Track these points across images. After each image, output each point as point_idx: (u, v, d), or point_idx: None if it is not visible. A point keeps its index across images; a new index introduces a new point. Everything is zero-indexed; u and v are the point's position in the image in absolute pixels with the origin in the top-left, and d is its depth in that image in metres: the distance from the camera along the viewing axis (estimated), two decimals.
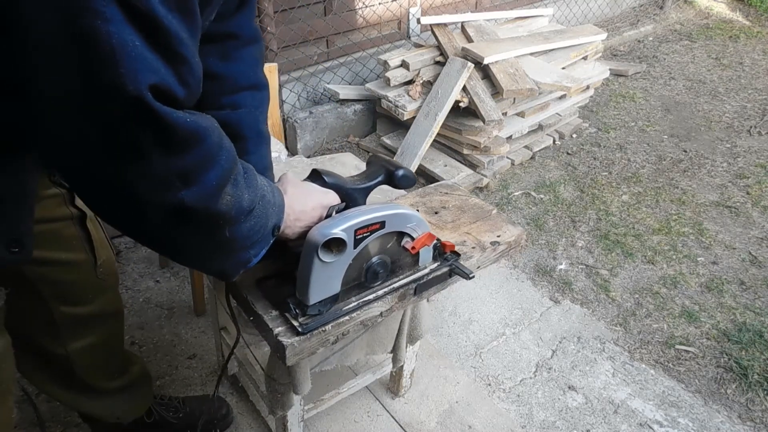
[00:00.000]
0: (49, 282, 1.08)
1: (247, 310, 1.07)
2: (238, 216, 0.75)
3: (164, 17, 0.56)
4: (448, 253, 1.14)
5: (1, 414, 0.87)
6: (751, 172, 2.94)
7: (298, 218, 0.92)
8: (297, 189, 0.94)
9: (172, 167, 0.62)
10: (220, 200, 0.69)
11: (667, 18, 4.91)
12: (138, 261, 2.26)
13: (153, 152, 0.60)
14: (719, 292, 2.19)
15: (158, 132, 0.59)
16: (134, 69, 0.54)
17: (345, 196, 1.01)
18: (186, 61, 0.60)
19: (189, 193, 0.65)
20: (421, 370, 1.80)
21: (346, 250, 0.93)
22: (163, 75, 0.57)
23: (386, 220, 0.96)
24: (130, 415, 1.39)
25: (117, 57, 0.53)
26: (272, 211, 0.84)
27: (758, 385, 1.82)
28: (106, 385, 1.31)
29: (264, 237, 0.84)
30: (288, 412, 1.34)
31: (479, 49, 2.75)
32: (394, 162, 1.08)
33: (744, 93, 3.76)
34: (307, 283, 0.93)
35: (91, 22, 0.52)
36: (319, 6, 3.03)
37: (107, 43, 0.53)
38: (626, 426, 1.70)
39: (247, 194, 0.76)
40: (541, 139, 3.11)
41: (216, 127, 0.68)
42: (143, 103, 0.56)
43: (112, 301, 1.25)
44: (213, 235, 0.73)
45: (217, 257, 0.80)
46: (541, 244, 2.44)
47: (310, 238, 0.91)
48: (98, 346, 1.23)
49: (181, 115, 0.60)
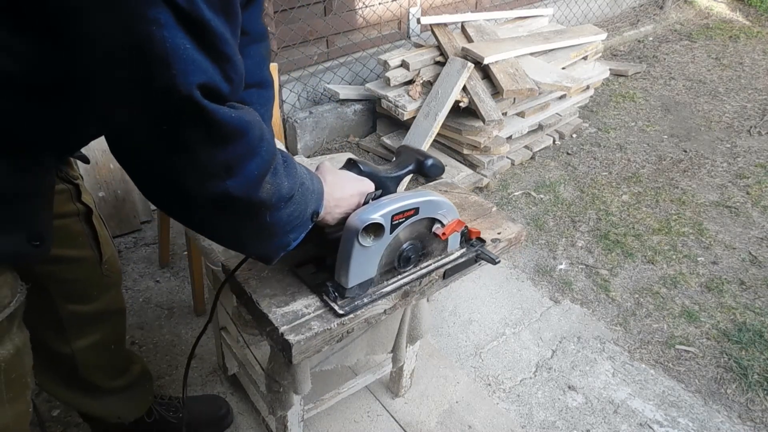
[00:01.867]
0: (56, 279, 1.08)
1: (252, 309, 1.07)
2: (278, 203, 0.79)
3: (211, 20, 0.60)
4: (473, 239, 1.18)
5: (20, 407, 0.89)
6: (751, 172, 2.94)
7: (337, 204, 0.96)
8: (335, 177, 0.98)
9: (218, 159, 0.67)
10: (261, 189, 0.74)
11: (667, 18, 4.91)
12: (138, 261, 2.26)
13: (200, 145, 0.65)
14: (719, 292, 2.19)
15: (206, 127, 0.63)
16: (185, 70, 0.59)
17: (378, 183, 1.04)
18: (230, 59, 0.64)
19: (233, 182, 0.69)
20: (421, 370, 1.80)
21: (384, 235, 0.97)
22: (210, 74, 0.61)
23: (420, 206, 1.00)
24: (132, 415, 1.40)
25: (170, 59, 0.58)
26: (311, 197, 0.88)
27: (758, 385, 1.82)
28: (109, 385, 1.31)
29: (303, 222, 0.87)
30: (288, 412, 1.34)
31: (479, 49, 2.75)
32: (422, 152, 1.11)
33: (744, 93, 3.76)
34: (347, 267, 0.97)
35: (147, 28, 0.56)
36: (319, 6, 3.03)
37: (162, 47, 0.57)
38: (626, 426, 1.70)
39: (287, 182, 0.79)
40: (541, 139, 3.11)
41: (258, 120, 0.71)
42: (193, 101, 0.60)
43: (116, 298, 1.26)
44: (254, 220, 0.78)
45: (258, 241, 0.84)
46: (541, 244, 2.44)
47: (350, 224, 0.95)
48: (102, 344, 1.23)
49: (227, 111, 0.65)
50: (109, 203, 2.30)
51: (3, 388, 0.84)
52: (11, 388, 0.85)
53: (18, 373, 0.86)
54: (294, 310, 1.02)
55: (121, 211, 2.35)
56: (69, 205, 1.07)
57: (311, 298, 1.05)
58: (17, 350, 0.84)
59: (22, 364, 0.87)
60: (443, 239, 1.09)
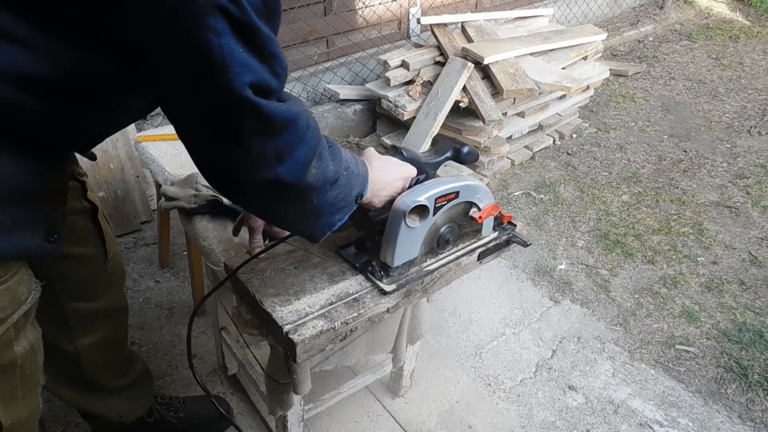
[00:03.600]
0: (62, 277, 1.09)
1: (255, 308, 1.07)
2: (324, 186, 0.85)
3: (260, 26, 0.66)
4: (505, 223, 1.24)
5: (31, 404, 0.90)
6: (751, 172, 2.94)
7: (383, 188, 1.02)
8: (381, 162, 1.04)
9: (269, 148, 0.74)
10: (308, 173, 0.80)
11: (667, 18, 4.91)
12: (138, 261, 2.26)
13: (253, 137, 0.72)
14: (719, 292, 2.19)
15: (258, 121, 0.71)
16: (240, 72, 0.65)
17: (420, 169, 1.09)
18: (276, 57, 0.70)
19: (282, 168, 0.76)
20: (421, 370, 1.80)
21: (428, 217, 1.03)
22: (260, 73, 0.68)
23: (460, 190, 1.06)
24: (133, 414, 1.40)
25: (227, 63, 0.64)
26: (356, 181, 0.93)
27: (758, 385, 1.82)
28: (111, 384, 1.31)
29: (348, 204, 0.93)
30: (288, 412, 1.34)
31: (479, 49, 2.75)
32: (458, 140, 1.18)
33: (744, 93, 3.76)
34: (393, 247, 1.03)
35: (206, 36, 0.62)
36: (319, 6, 3.03)
37: (219, 52, 0.64)
38: (626, 426, 1.70)
39: (332, 166, 0.86)
40: (541, 139, 3.11)
41: (304, 110, 0.77)
42: (247, 100, 0.67)
43: (119, 296, 1.26)
44: (303, 203, 0.85)
45: (306, 221, 0.91)
46: (541, 244, 2.44)
47: (398, 205, 1.00)
48: (105, 342, 1.24)
49: (276, 106, 0.72)
50: (109, 203, 2.30)
51: (18, 384, 0.85)
52: (25, 384, 0.87)
53: (32, 369, 0.87)
54: (297, 309, 1.03)
55: (121, 211, 2.35)
56: (75, 202, 1.08)
57: (314, 297, 1.06)
58: (32, 347, 0.86)
59: (36, 361, 0.89)
60: (479, 222, 1.14)
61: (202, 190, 1.46)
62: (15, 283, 0.79)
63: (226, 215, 1.42)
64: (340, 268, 1.13)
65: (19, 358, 0.83)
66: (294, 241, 1.19)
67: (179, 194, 1.46)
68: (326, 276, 1.10)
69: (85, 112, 0.79)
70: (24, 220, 0.76)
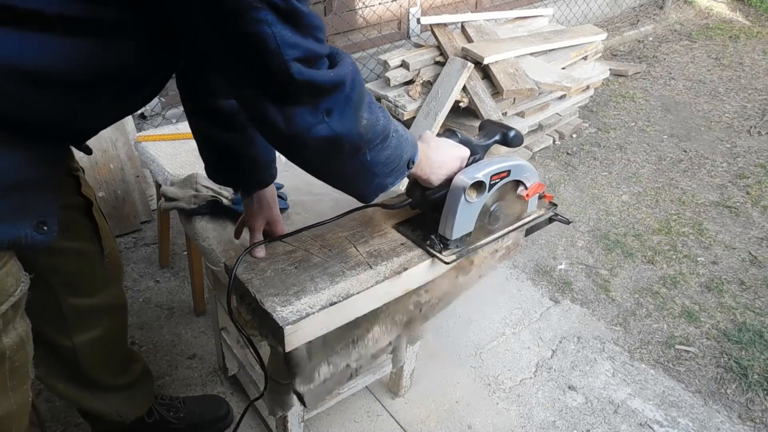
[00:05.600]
0: (58, 272, 1.09)
1: (255, 308, 1.07)
2: (375, 140, 0.90)
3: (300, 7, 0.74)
4: (547, 203, 1.32)
5: (21, 398, 0.90)
6: (751, 172, 2.94)
7: (441, 166, 1.08)
8: (438, 142, 1.11)
9: (321, 107, 0.81)
10: (359, 124, 0.86)
11: (667, 18, 4.91)
12: (138, 261, 2.26)
13: (308, 101, 0.79)
14: (719, 292, 2.19)
15: (311, 89, 0.78)
16: (292, 54, 0.74)
17: (473, 150, 1.16)
18: (317, 27, 0.77)
19: (333, 122, 0.82)
20: (421, 370, 1.80)
21: (484, 193, 1.11)
22: (308, 47, 0.76)
23: (512, 169, 1.14)
24: (132, 413, 1.40)
25: (281, 49, 0.73)
26: (406, 145, 0.98)
27: (758, 385, 1.82)
28: (110, 382, 1.31)
29: (400, 167, 0.98)
30: (288, 413, 1.34)
31: (479, 49, 2.75)
32: (505, 124, 1.25)
33: (744, 93, 3.77)
34: (453, 220, 1.10)
35: (260, 29, 0.70)
36: (319, 6, 3.03)
37: (273, 41, 0.71)
38: (626, 426, 1.70)
39: (382, 121, 0.91)
40: (541, 139, 3.11)
41: (350, 71, 0.83)
42: (301, 75, 0.75)
43: (117, 293, 1.26)
44: (357, 156, 0.90)
45: (360, 180, 0.97)
46: (541, 244, 2.44)
47: (458, 181, 1.08)
48: (104, 339, 1.24)
49: (324, 73, 0.79)
50: (109, 203, 2.30)
51: (7, 376, 0.85)
52: (14, 377, 0.87)
53: (21, 362, 0.87)
54: (298, 309, 1.02)
55: (121, 211, 2.35)
56: (70, 197, 1.08)
57: (315, 297, 1.05)
58: (21, 339, 0.86)
59: (25, 354, 0.89)
60: (526, 200, 1.23)
61: (201, 191, 1.46)
62: (4, 274, 0.79)
63: (226, 216, 1.42)
64: (341, 268, 1.13)
65: (7, 350, 0.83)
66: (294, 241, 1.19)
67: (179, 194, 1.46)
68: (327, 276, 1.10)
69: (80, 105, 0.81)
70: (13, 210, 0.77)
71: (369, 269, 1.13)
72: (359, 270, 1.12)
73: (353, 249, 1.18)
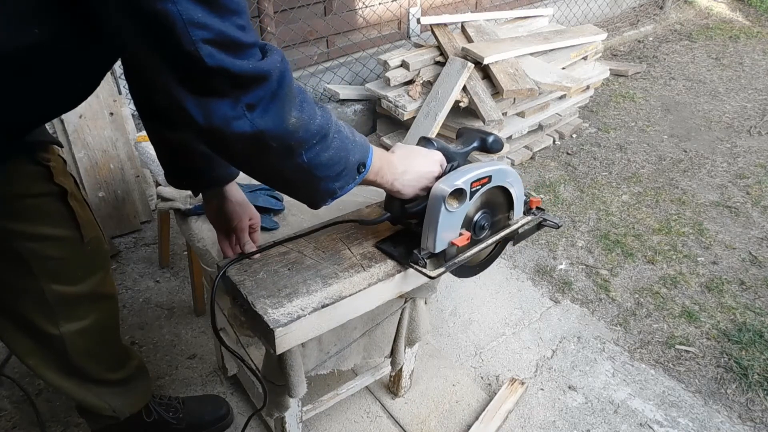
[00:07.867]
0: (39, 257, 1.09)
1: (247, 310, 1.07)
2: (310, 138, 0.85)
3: None
4: (534, 208, 1.28)
5: None
6: (751, 172, 2.94)
7: (406, 171, 1.05)
8: (405, 150, 1.08)
9: (242, 100, 0.77)
10: (286, 122, 0.82)
11: (667, 18, 4.91)
12: (138, 261, 2.26)
13: (227, 93, 0.76)
14: (719, 292, 2.19)
15: (228, 78, 0.74)
16: (201, 35, 0.70)
17: (450, 158, 1.13)
18: (236, 12, 0.73)
19: (256, 117, 0.78)
20: (421, 370, 1.80)
21: (465, 201, 1.07)
22: (219, 29, 0.71)
23: (492, 174, 1.10)
24: (126, 410, 1.39)
25: (188, 29, 0.69)
26: (353, 147, 0.93)
27: (758, 385, 1.82)
28: (103, 376, 1.31)
29: (348, 171, 0.93)
30: (285, 414, 1.33)
31: (479, 49, 2.75)
32: (483, 130, 1.22)
33: (744, 93, 3.76)
34: (435, 232, 1.06)
35: (165, 6, 0.67)
36: (319, 6, 3.03)
37: (179, 19, 0.68)
38: (626, 426, 1.70)
39: (318, 120, 0.86)
40: (541, 139, 3.11)
41: (278, 67, 0.79)
42: (212, 57, 0.71)
43: (104, 283, 1.25)
44: (291, 158, 0.85)
45: (303, 184, 0.93)
46: (541, 244, 2.44)
47: (437, 190, 1.04)
48: (92, 330, 1.23)
49: (243, 63, 0.74)
50: (109, 203, 2.30)
51: None
52: None
53: None
54: (289, 311, 1.02)
55: (121, 211, 2.35)
56: (40, 185, 1.07)
57: (307, 299, 1.05)
58: None
59: None
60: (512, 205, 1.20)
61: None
62: None
63: None
64: (334, 270, 1.13)
65: None
66: (288, 243, 1.19)
67: (175, 195, 1.46)
68: (320, 278, 1.10)
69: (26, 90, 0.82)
70: None
71: (362, 271, 1.12)
72: (352, 272, 1.12)
73: (347, 251, 1.18)
